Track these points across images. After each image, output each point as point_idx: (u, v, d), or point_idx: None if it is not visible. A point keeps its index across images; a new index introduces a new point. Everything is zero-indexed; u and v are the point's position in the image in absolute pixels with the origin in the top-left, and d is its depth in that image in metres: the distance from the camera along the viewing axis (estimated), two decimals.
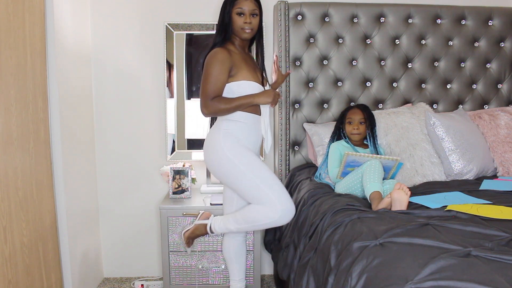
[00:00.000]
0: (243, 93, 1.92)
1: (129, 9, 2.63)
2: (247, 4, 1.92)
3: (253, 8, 1.93)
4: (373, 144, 2.20)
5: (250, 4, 1.92)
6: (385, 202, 1.75)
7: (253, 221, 1.89)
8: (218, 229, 2.03)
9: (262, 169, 1.89)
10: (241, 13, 1.91)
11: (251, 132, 1.98)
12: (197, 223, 2.13)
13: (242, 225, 1.93)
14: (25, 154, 1.95)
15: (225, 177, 1.93)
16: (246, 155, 1.90)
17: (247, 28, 1.93)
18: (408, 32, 2.57)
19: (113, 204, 2.77)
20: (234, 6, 1.92)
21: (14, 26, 1.86)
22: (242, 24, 1.92)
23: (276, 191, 1.86)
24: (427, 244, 1.30)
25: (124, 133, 2.72)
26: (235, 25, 1.93)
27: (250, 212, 1.89)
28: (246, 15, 1.92)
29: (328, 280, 1.44)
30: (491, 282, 1.06)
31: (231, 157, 1.88)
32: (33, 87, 2.01)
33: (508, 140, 2.33)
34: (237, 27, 1.93)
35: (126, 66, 2.67)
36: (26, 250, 1.94)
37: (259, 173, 1.87)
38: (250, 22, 1.93)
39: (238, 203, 2.08)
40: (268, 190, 1.85)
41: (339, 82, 2.59)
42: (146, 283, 2.66)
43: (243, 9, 1.91)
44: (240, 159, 1.88)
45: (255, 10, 1.94)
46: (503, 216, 1.58)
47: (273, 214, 1.84)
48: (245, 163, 1.88)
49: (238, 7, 1.91)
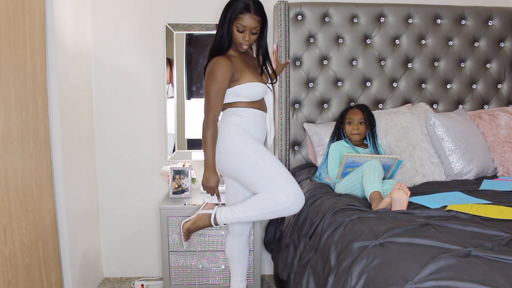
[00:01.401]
0: (249, 95, 1.95)
1: (129, 9, 2.63)
2: (250, 22, 1.85)
3: (255, 25, 1.87)
4: (372, 144, 2.20)
5: (253, 22, 1.86)
6: (385, 202, 1.75)
7: (264, 208, 1.85)
8: (224, 219, 1.96)
9: (272, 158, 1.91)
10: (241, 30, 1.87)
11: (257, 127, 2.00)
12: (200, 213, 2.05)
13: (253, 213, 1.89)
14: (25, 154, 1.95)
15: (236, 167, 1.92)
16: (256, 145, 1.92)
17: (245, 44, 1.91)
18: (408, 32, 2.57)
19: (113, 204, 2.77)
20: (236, 20, 1.86)
21: (14, 26, 1.86)
22: (240, 40, 1.89)
23: (287, 178, 1.87)
24: (427, 244, 1.30)
25: (124, 133, 2.72)
26: (234, 37, 1.90)
27: (261, 199, 1.86)
28: (246, 32, 1.88)
29: (328, 280, 1.44)
30: (491, 282, 1.06)
31: (242, 146, 1.89)
32: (33, 87, 2.01)
33: (508, 140, 2.33)
34: (236, 40, 1.91)
35: (126, 66, 2.67)
36: (26, 250, 1.94)
37: (270, 161, 1.89)
38: (249, 39, 1.89)
39: (244, 194, 2.06)
40: (279, 177, 1.85)
41: (339, 82, 2.59)
42: (146, 283, 2.66)
43: (244, 26, 1.86)
44: (251, 148, 1.89)
45: (257, 27, 1.88)
46: (503, 216, 1.58)
47: (286, 199, 1.82)
48: (256, 152, 1.89)
49: (239, 22, 1.86)
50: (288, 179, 1.88)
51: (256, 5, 1.87)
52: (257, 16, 1.86)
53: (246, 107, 1.97)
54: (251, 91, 1.94)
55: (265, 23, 1.93)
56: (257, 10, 1.86)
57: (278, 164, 1.91)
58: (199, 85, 2.70)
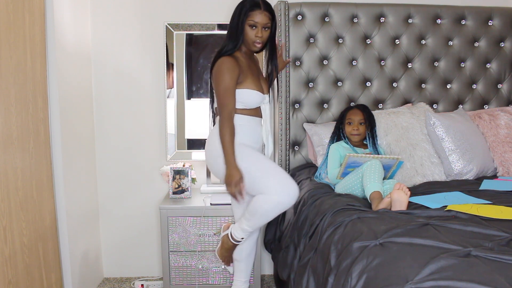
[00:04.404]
0: (243, 101, 1.97)
1: (129, 9, 2.63)
2: (261, 17, 1.91)
3: (266, 21, 1.93)
4: (372, 145, 2.20)
5: (264, 17, 1.92)
6: (385, 202, 1.75)
7: (262, 213, 1.88)
8: (237, 234, 2.01)
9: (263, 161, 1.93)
10: (253, 25, 1.92)
11: (251, 134, 2.02)
12: (222, 235, 2.13)
13: (255, 220, 1.92)
14: (25, 154, 1.95)
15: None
16: (246, 152, 1.93)
17: (258, 42, 1.95)
18: (408, 32, 2.57)
19: (113, 204, 2.77)
20: (248, 17, 1.91)
21: (14, 26, 1.86)
22: (253, 37, 1.93)
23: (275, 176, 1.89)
24: (427, 244, 1.30)
25: (124, 133, 2.72)
26: (247, 36, 1.94)
27: (255, 205, 1.89)
28: (258, 28, 1.92)
29: (328, 280, 1.44)
30: (491, 282, 1.06)
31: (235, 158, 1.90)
32: (33, 87, 2.01)
33: (508, 140, 2.33)
34: (249, 39, 1.95)
35: (126, 66, 2.67)
36: (26, 250, 1.94)
37: (261, 165, 1.91)
38: (262, 36, 1.93)
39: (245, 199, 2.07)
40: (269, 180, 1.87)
41: (339, 82, 2.59)
42: (146, 283, 2.66)
43: (255, 22, 1.91)
44: (241, 156, 1.90)
45: (268, 23, 1.94)
46: (503, 216, 1.58)
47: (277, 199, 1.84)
48: (246, 159, 1.90)
49: (251, 19, 1.91)
50: (276, 177, 1.89)
51: (265, 2, 1.95)
52: (268, 12, 1.93)
53: (241, 114, 1.98)
54: (248, 98, 1.97)
55: (274, 21, 1.98)
56: (267, 7, 1.94)
57: (267, 164, 1.92)
58: (199, 85, 2.70)
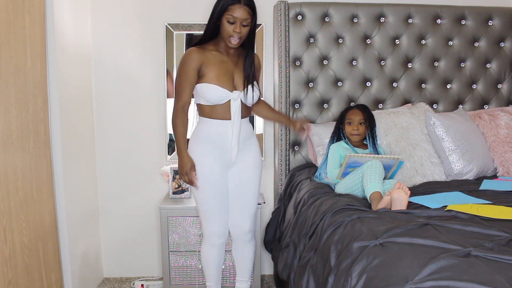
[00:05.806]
0: (204, 96, 1.91)
1: (129, 9, 2.63)
2: (240, 12, 1.81)
3: (246, 17, 1.82)
4: (372, 145, 2.20)
5: (244, 12, 1.81)
6: (384, 201, 1.74)
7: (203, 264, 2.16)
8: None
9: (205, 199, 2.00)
10: (232, 21, 1.82)
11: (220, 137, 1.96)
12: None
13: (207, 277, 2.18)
14: (25, 154, 1.95)
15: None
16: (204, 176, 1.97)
17: (235, 38, 1.85)
18: (408, 32, 2.57)
19: (113, 204, 2.77)
20: (226, 12, 1.82)
21: (14, 26, 1.86)
22: (230, 31, 1.83)
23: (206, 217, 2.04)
24: (427, 244, 1.30)
25: (124, 133, 2.72)
26: (224, 31, 1.85)
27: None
28: (237, 23, 1.82)
29: (328, 280, 1.44)
30: (491, 282, 1.06)
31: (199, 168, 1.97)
32: (33, 87, 2.01)
33: (508, 140, 2.33)
34: (225, 34, 1.85)
35: (126, 66, 2.67)
36: (26, 250, 1.94)
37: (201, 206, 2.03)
38: (240, 31, 1.84)
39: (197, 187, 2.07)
40: (202, 222, 2.06)
41: (339, 82, 2.59)
42: (146, 283, 2.66)
43: (234, 17, 1.81)
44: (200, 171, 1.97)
45: (248, 19, 1.83)
46: (503, 216, 1.58)
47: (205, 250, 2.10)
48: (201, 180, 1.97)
49: (230, 13, 1.81)
50: (207, 218, 2.03)
51: None
52: (248, 7, 1.83)
53: (208, 118, 1.95)
54: (206, 93, 1.88)
55: (255, 17, 1.88)
56: (248, 1, 1.83)
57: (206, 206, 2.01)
58: None
